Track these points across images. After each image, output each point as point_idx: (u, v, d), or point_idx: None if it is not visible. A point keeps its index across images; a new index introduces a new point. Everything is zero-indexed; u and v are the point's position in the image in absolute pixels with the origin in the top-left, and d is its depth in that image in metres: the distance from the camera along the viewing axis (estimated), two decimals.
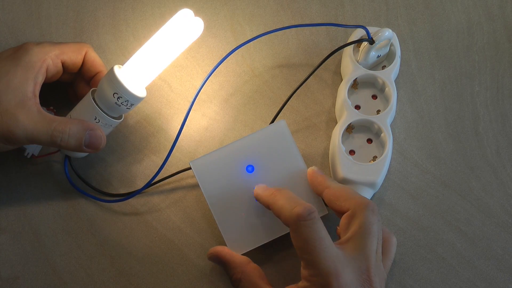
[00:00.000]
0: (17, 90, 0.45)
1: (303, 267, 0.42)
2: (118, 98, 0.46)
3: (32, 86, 0.46)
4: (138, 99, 0.47)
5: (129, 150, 0.53)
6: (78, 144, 0.46)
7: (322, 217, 0.48)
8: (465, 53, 0.56)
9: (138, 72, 0.47)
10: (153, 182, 0.50)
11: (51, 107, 0.52)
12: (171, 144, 0.51)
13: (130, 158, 0.53)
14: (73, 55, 0.49)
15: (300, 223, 0.41)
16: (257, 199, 0.46)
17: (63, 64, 0.49)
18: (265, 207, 0.45)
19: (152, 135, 0.53)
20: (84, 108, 0.48)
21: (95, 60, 0.50)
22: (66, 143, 0.46)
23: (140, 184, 0.52)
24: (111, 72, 0.46)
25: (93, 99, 0.47)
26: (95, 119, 0.47)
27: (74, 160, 0.51)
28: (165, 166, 0.52)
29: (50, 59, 0.47)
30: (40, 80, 0.47)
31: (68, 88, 0.53)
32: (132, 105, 0.47)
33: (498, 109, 0.54)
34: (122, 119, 0.50)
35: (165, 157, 0.50)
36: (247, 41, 0.51)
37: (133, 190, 0.51)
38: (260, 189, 0.46)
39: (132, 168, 0.52)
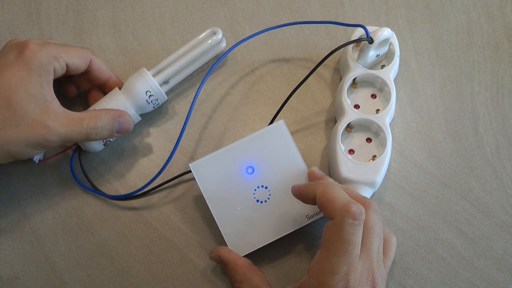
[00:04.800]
0: (37, 97, 0.45)
1: (319, 260, 0.41)
2: (150, 96, 0.50)
3: (48, 90, 0.46)
4: (164, 99, 0.52)
5: (130, 151, 0.53)
6: (110, 134, 0.48)
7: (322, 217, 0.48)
8: (465, 53, 0.56)
9: (165, 77, 0.52)
10: (154, 187, 0.51)
11: None
12: (172, 144, 0.51)
13: (130, 158, 0.53)
14: (77, 60, 0.49)
15: (347, 220, 0.40)
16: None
17: (66, 67, 0.49)
18: (307, 190, 0.44)
19: (152, 136, 0.53)
20: (112, 101, 0.50)
21: (102, 67, 0.51)
22: (100, 136, 0.48)
23: (140, 184, 0.52)
24: (143, 73, 0.50)
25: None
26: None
27: (76, 161, 0.52)
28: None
29: (57, 61, 0.47)
30: (52, 82, 0.47)
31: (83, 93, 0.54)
32: (157, 104, 0.52)
33: (498, 109, 0.54)
34: (140, 119, 0.52)
35: (167, 158, 0.50)
36: (244, 39, 0.51)
37: (133, 190, 0.51)
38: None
39: (132, 169, 0.52)
